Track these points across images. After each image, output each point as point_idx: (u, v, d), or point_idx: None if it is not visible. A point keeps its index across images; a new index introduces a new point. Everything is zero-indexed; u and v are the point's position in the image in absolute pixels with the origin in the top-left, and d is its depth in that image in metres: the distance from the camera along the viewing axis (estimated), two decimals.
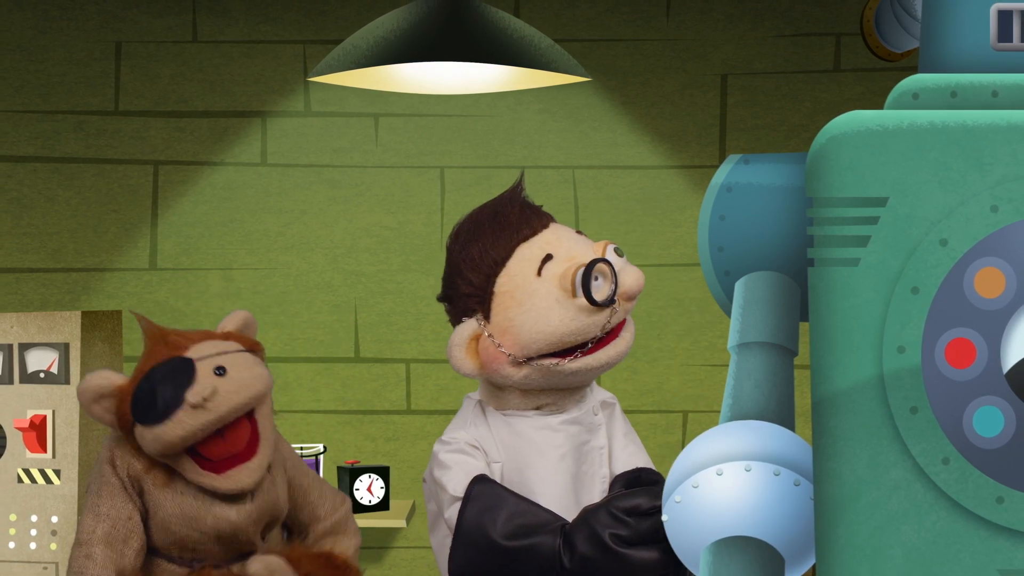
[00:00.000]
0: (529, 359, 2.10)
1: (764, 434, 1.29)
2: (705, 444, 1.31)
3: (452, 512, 2.07)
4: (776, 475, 1.26)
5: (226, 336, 2.35)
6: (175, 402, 2.20)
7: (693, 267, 4.13)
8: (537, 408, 2.17)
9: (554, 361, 2.10)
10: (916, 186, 1.15)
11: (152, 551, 2.34)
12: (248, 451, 2.27)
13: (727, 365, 1.71)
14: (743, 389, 1.36)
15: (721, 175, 1.51)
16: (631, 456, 2.22)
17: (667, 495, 1.31)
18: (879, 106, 1.25)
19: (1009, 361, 1.11)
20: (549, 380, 2.13)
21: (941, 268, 1.14)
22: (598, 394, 2.26)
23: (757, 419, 1.32)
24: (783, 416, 1.34)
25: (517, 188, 2.20)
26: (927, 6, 1.29)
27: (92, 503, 2.29)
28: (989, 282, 1.14)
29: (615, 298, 2.09)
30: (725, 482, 1.27)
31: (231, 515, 2.30)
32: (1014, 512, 1.14)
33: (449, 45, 2.56)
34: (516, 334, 2.09)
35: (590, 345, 2.11)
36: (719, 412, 1.38)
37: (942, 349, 1.14)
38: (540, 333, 2.08)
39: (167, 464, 2.29)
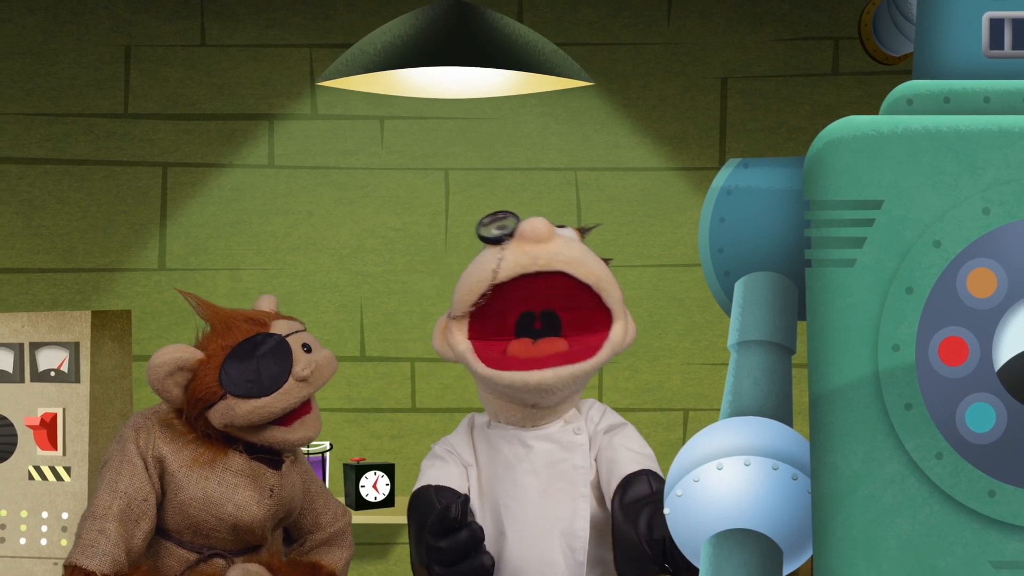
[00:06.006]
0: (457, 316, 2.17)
1: (763, 430, 1.30)
2: (705, 439, 1.31)
3: None
4: (775, 469, 1.26)
5: (278, 316, 2.40)
6: (283, 376, 2.27)
7: (694, 267, 4.14)
8: (511, 423, 2.24)
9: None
10: (910, 189, 1.15)
11: (163, 534, 2.35)
12: (304, 408, 2.35)
13: (727, 364, 1.73)
14: (742, 386, 1.36)
15: (721, 178, 1.51)
16: (630, 463, 2.20)
17: (669, 489, 1.31)
18: (877, 109, 1.27)
19: (1001, 359, 1.13)
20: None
21: (935, 269, 1.15)
22: (595, 416, 2.27)
23: (756, 415, 1.33)
24: (781, 412, 1.34)
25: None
26: (921, 14, 1.29)
27: (110, 479, 2.29)
28: (981, 282, 1.14)
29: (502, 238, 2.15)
30: (725, 476, 1.27)
31: (252, 506, 2.33)
32: (1005, 505, 1.14)
33: (455, 50, 2.58)
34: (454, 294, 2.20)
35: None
36: (719, 410, 1.40)
37: (935, 347, 1.15)
38: (460, 285, 2.17)
39: (196, 444, 2.32)
